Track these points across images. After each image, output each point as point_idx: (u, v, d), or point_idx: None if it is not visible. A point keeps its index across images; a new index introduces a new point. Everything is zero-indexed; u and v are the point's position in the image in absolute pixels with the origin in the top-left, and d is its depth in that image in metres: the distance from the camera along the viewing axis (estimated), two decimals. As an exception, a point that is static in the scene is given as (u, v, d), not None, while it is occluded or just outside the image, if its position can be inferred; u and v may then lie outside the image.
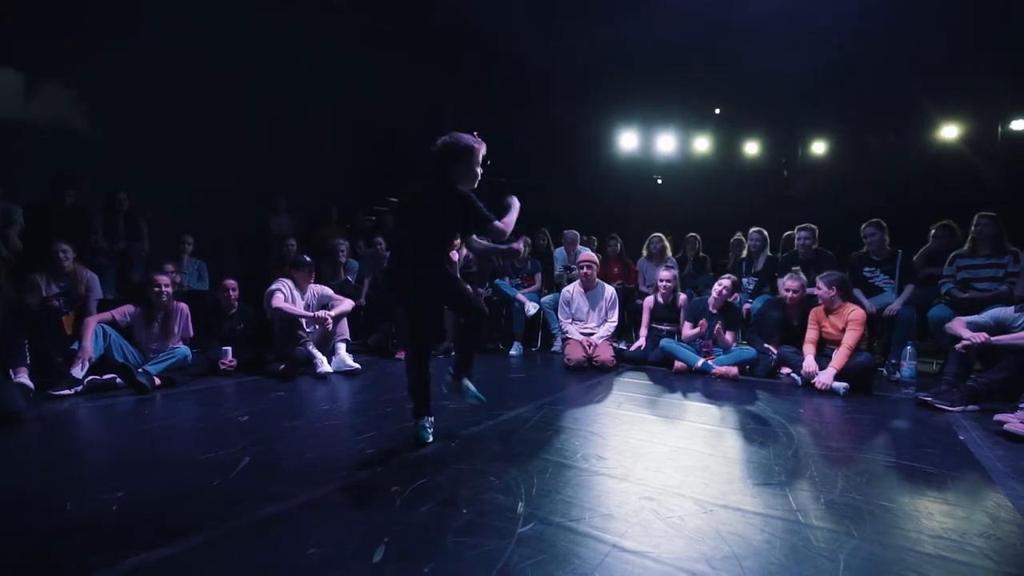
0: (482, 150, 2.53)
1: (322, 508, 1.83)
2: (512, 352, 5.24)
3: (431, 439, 2.49)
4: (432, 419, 2.56)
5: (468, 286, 2.63)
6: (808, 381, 3.84)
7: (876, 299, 4.49)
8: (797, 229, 4.95)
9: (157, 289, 3.80)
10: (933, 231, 4.78)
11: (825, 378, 3.71)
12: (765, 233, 5.36)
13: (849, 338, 3.78)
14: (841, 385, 3.66)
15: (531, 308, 5.23)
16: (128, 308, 3.81)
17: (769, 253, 5.31)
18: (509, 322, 5.47)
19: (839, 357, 3.75)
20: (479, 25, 7.47)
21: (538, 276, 5.69)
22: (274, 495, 1.88)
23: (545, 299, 5.45)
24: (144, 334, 3.82)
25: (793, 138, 8.52)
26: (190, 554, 1.52)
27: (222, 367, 4.04)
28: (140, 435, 2.71)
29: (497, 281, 5.54)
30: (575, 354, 4.46)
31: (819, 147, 8.27)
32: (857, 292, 4.51)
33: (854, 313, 3.88)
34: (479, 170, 2.55)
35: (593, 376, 4.25)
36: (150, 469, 2.19)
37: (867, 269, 4.62)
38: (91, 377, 3.45)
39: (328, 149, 8.00)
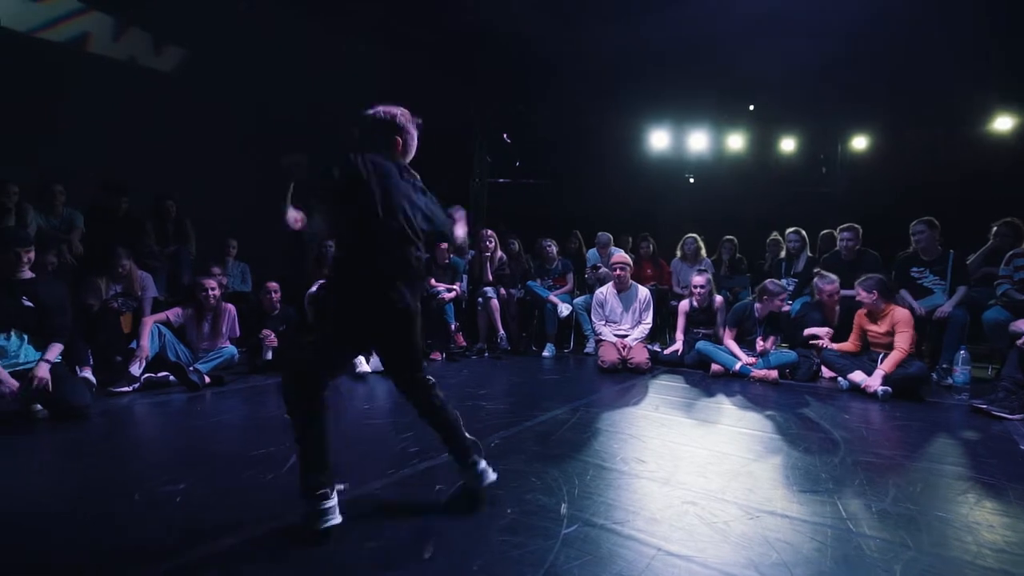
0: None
1: (372, 504, 1.89)
2: (545, 354, 5.25)
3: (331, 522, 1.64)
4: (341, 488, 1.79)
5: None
6: (856, 387, 3.73)
7: (925, 301, 4.32)
8: (839, 229, 4.80)
9: (204, 293, 3.96)
10: (995, 228, 4.55)
11: (874, 382, 3.59)
12: (803, 233, 5.23)
13: (903, 340, 3.64)
14: (881, 388, 3.54)
15: (564, 309, 5.24)
16: (179, 309, 3.98)
17: (809, 254, 5.17)
18: (542, 323, 5.49)
19: (892, 360, 3.61)
20: (504, 25, 7.51)
21: (570, 277, 5.68)
22: (325, 491, 1.95)
23: (577, 300, 5.44)
24: (194, 334, 3.99)
25: (832, 133, 8.26)
26: (252, 545, 1.59)
27: (264, 340, 4.26)
28: (195, 431, 2.84)
29: (529, 283, 5.57)
30: (609, 356, 4.45)
31: (860, 142, 7.99)
32: (904, 293, 4.35)
33: (899, 314, 3.75)
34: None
35: (628, 378, 4.23)
36: (207, 464, 2.30)
37: (915, 269, 4.46)
38: (147, 374, 3.63)
39: (355, 150, 8.16)
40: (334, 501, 1.66)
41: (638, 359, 4.42)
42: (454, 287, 5.19)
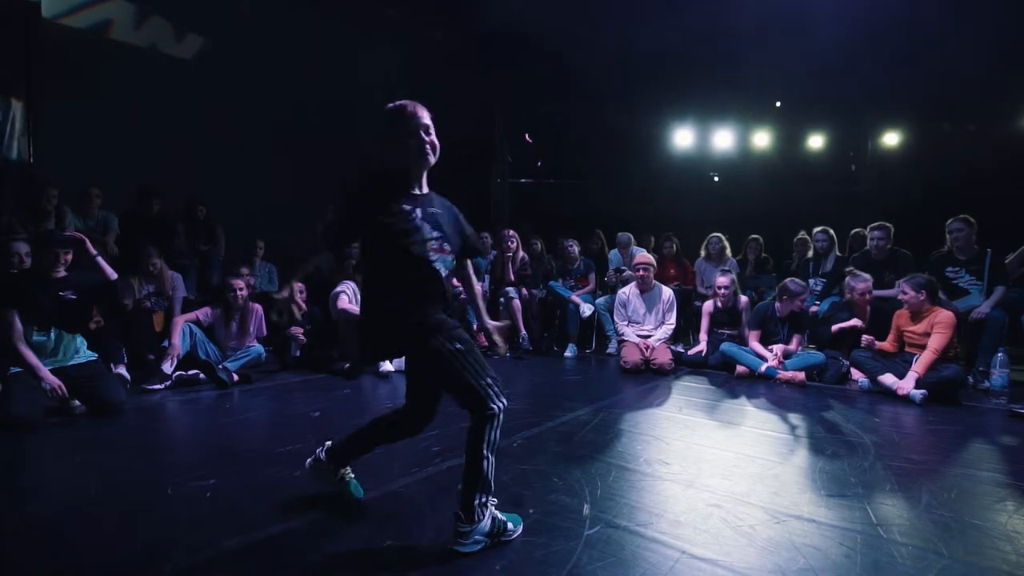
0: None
1: (395, 502, 1.92)
2: (567, 354, 5.24)
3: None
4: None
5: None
6: (884, 389, 3.63)
7: (961, 302, 4.18)
8: (870, 228, 4.67)
9: (233, 293, 4.05)
10: None
11: (907, 383, 3.48)
12: (831, 232, 5.11)
13: (935, 341, 3.52)
14: (918, 393, 3.43)
15: (586, 310, 5.22)
16: (209, 309, 4.09)
17: (838, 253, 5.05)
18: (564, 324, 5.48)
19: (923, 361, 3.50)
20: (527, 25, 7.50)
21: (591, 277, 5.66)
22: (350, 488, 1.98)
23: (599, 300, 5.42)
24: (223, 333, 4.09)
25: (861, 130, 8.04)
26: (280, 539, 1.63)
27: (294, 336, 4.39)
28: (224, 427, 2.92)
29: (551, 283, 5.56)
30: (632, 357, 4.41)
31: (891, 138, 7.77)
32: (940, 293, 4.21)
33: (941, 315, 3.62)
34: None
35: (650, 379, 4.19)
36: (236, 460, 2.36)
37: (950, 269, 4.31)
38: (178, 372, 3.75)
39: (378, 153, 8.28)
40: None
41: (661, 360, 4.38)
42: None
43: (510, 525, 1.63)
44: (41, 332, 3.04)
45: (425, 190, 1.77)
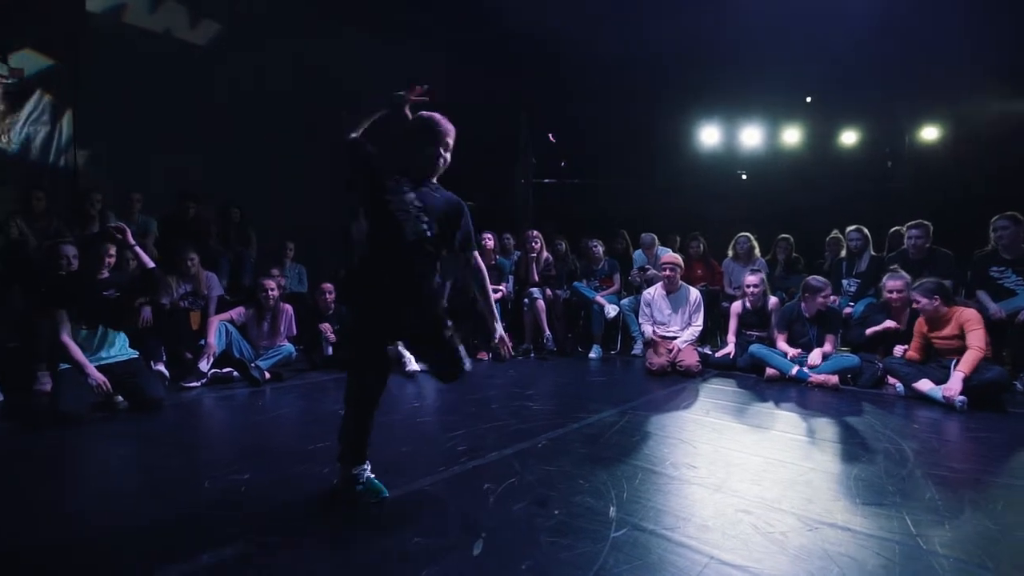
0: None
1: (421, 501, 1.94)
2: (591, 355, 5.21)
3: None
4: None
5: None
6: (921, 396, 3.50)
7: (1006, 303, 3.99)
8: (907, 227, 4.52)
9: (264, 293, 4.16)
10: None
11: (955, 384, 3.30)
12: (866, 231, 4.95)
13: (976, 339, 3.37)
14: (960, 399, 3.28)
15: (611, 310, 5.18)
16: (242, 309, 4.21)
17: (873, 252, 4.90)
18: (588, 324, 5.45)
19: (969, 360, 3.33)
20: (549, 24, 7.48)
21: (616, 277, 5.62)
22: (378, 486, 2.02)
23: (624, 301, 5.37)
24: (255, 332, 4.21)
25: (898, 124, 7.76)
26: (310, 534, 1.67)
27: (324, 334, 4.51)
28: (257, 424, 3.01)
29: (576, 283, 5.54)
30: (657, 359, 4.36)
31: (930, 132, 7.48)
32: (982, 294, 4.05)
33: (966, 314, 3.47)
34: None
35: (677, 382, 4.14)
36: (269, 455, 2.43)
37: (995, 269, 4.13)
38: (213, 370, 3.87)
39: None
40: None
41: (688, 362, 4.32)
42: (500, 288, 5.23)
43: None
44: (87, 330, 3.18)
45: (426, 185, 1.95)
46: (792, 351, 4.16)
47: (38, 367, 3.38)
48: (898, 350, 3.86)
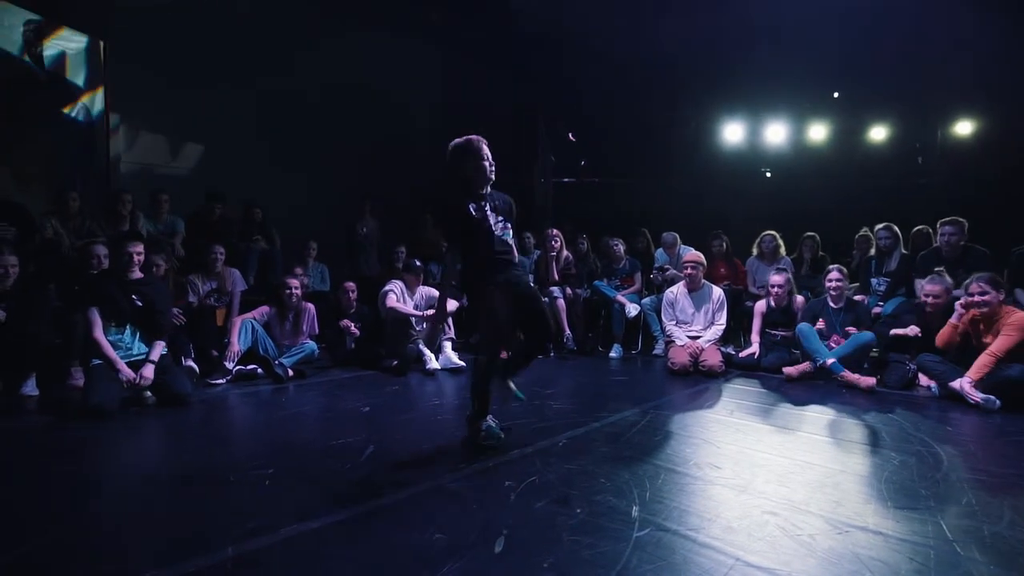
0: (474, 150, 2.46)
1: (443, 497, 1.94)
2: (612, 354, 5.16)
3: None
4: None
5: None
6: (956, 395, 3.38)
7: (1046, 303, 3.84)
8: (940, 223, 4.36)
9: (288, 291, 4.22)
10: None
11: (968, 390, 3.23)
12: (896, 229, 4.80)
13: (998, 344, 3.22)
14: (990, 399, 3.16)
15: (632, 309, 5.13)
16: (265, 309, 4.28)
17: (904, 250, 4.75)
18: (609, 324, 5.40)
19: (977, 365, 3.23)
20: (568, 22, 7.44)
21: (638, 276, 5.56)
22: (399, 482, 2.04)
23: (646, 300, 5.31)
24: (278, 331, 4.27)
25: (930, 119, 7.52)
26: (333, 530, 1.69)
27: (347, 329, 4.55)
28: (281, 420, 3.05)
29: (596, 283, 5.50)
30: (680, 358, 4.30)
31: (964, 127, 7.22)
32: (1021, 293, 3.90)
33: (1014, 317, 3.33)
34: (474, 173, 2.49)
35: (700, 381, 4.07)
36: (292, 451, 2.46)
37: (1034, 267, 3.98)
38: (238, 367, 3.94)
39: (423, 156, 8.43)
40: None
41: (711, 362, 4.25)
42: None
43: None
44: (117, 327, 3.26)
45: (488, 190, 2.54)
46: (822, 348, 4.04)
47: (72, 363, 3.49)
48: (909, 332, 3.70)
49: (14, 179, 4.97)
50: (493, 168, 2.48)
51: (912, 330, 3.86)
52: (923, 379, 3.80)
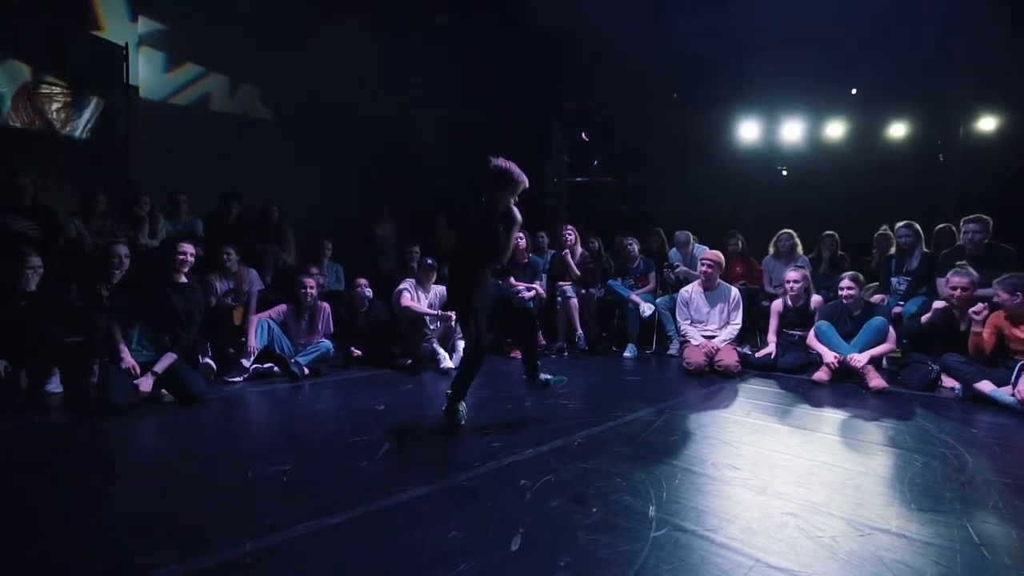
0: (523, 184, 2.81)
1: (459, 495, 1.95)
2: (626, 354, 5.13)
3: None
4: None
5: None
6: (981, 397, 3.31)
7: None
8: (964, 221, 4.26)
9: (304, 290, 4.26)
10: None
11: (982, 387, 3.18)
12: (917, 227, 4.70)
13: None
14: (1011, 398, 3.09)
15: (646, 309, 5.09)
16: (282, 307, 4.32)
17: (925, 249, 4.65)
18: (623, 323, 5.37)
19: None
20: (582, 20, 7.41)
21: (652, 276, 5.51)
22: (415, 480, 2.04)
23: (660, 300, 5.27)
24: (294, 329, 4.31)
25: (951, 115, 7.36)
26: (350, 526, 1.70)
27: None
28: (297, 418, 3.08)
29: (610, 282, 5.47)
30: (695, 358, 4.26)
31: (987, 123, 7.05)
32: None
33: None
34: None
35: (715, 381, 4.03)
36: (309, 448, 2.49)
37: (1062, 265, 3.87)
38: (255, 365, 3.99)
39: (436, 158, 8.47)
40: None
41: (727, 362, 4.20)
42: (533, 286, 5.21)
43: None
44: (141, 328, 3.33)
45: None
46: (830, 355, 3.96)
47: (95, 361, 3.56)
48: (979, 307, 3.55)
49: (41, 180, 5.08)
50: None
51: (940, 304, 3.80)
52: (946, 380, 3.72)
